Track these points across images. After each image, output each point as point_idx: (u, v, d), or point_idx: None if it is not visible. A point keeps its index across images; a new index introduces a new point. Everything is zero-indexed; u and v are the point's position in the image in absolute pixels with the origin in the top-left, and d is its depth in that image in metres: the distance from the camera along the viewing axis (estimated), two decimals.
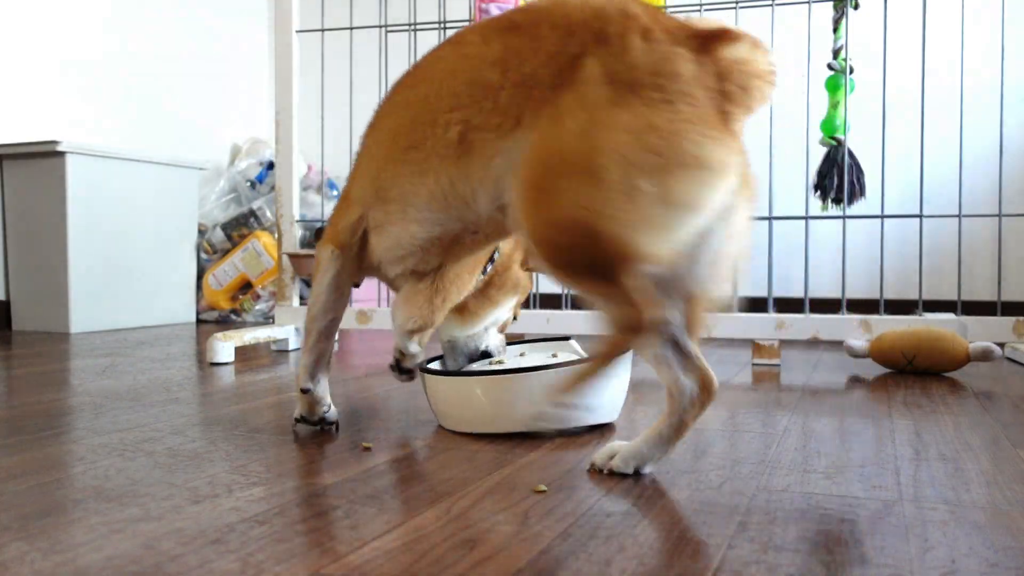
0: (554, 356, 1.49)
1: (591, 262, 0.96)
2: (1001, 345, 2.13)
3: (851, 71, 2.26)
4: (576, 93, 0.99)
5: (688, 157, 0.93)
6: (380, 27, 2.59)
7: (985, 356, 2.01)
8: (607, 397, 1.40)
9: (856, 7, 2.26)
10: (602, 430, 1.39)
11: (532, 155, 1.01)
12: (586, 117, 0.97)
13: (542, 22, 1.06)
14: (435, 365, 1.49)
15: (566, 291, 2.37)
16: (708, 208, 0.96)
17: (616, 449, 1.13)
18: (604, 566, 0.80)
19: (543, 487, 1.05)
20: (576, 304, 2.40)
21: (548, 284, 2.37)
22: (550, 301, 2.61)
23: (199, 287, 3.72)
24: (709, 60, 0.96)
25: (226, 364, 2.22)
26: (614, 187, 0.93)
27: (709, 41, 0.97)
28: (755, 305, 2.49)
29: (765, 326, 2.22)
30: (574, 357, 1.47)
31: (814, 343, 2.72)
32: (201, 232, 3.76)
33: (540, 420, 1.33)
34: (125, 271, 3.33)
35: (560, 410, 1.33)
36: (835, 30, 2.29)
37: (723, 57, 0.97)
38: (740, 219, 1.01)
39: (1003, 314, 2.19)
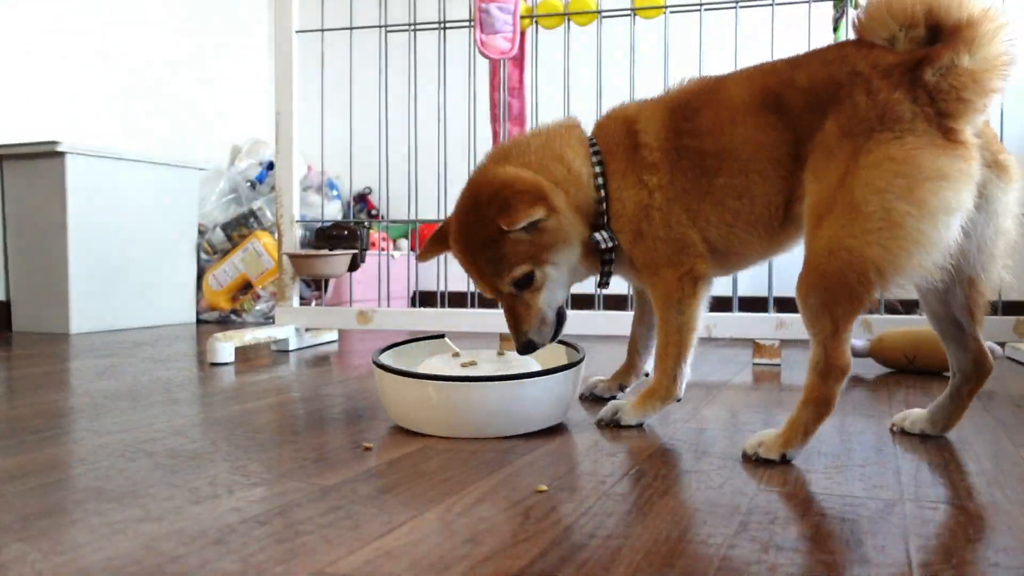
0: (456, 355, 1.50)
1: (849, 286, 1.13)
2: (1002, 345, 2.13)
3: None
4: (825, 152, 1.17)
5: (928, 171, 1.08)
6: (380, 27, 2.59)
7: None
8: (549, 404, 1.40)
9: (856, 6, 2.26)
10: (626, 434, 1.39)
11: (810, 205, 1.19)
12: (839, 168, 1.14)
13: (796, 94, 1.23)
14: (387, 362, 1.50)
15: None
16: (957, 208, 1.09)
17: (764, 436, 1.22)
18: (605, 566, 0.80)
19: (543, 487, 1.05)
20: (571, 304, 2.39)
21: None
22: None
23: (199, 287, 3.72)
24: (921, 91, 1.11)
25: (226, 364, 2.22)
26: (874, 215, 1.09)
27: (917, 70, 1.11)
28: (756, 305, 2.49)
29: (766, 326, 2.22)
30: (456, 357, 1.49)
31: None
32: (201, 232, 3.76)
33: (489, 427, 1.35)
34: (125, 271, 3.33)
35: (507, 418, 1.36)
36: (835, 29, 2.29)
37: (928, 81, 1.11)
38: (998, 205, 1.17)
39: (1003, 314, 2.19)
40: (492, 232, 1.32)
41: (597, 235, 1.37)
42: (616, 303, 2.50)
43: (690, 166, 1.32)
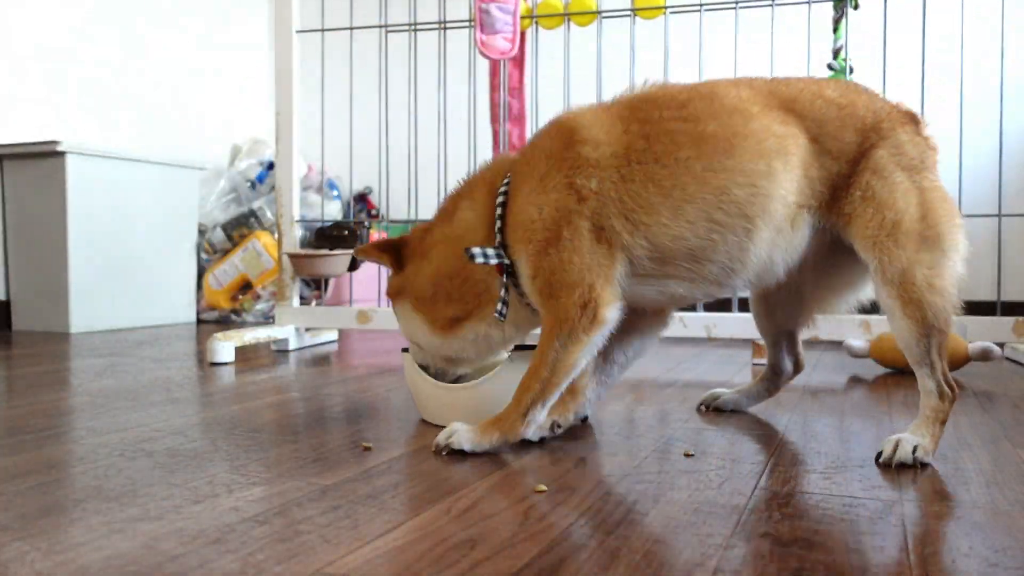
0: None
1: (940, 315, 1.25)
2: (1001, 345, 2.13)
3: (851, 71, 2.26)
4: (879, 177, 1.27)
5: (955, 209, 1.29)
6: (380, 27, 2.59)
7: (985, 356, 2.00)
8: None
9: (856, 7, 2.26)
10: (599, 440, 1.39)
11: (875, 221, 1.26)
12: (905, 193, 1.26)
13: (836, 116, 1.29)
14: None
15: None
16: None
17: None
18: (604, 565, 0.80)
19: (543, 487, 1.05)
20: None
21: None
22: None
23: (199, 287, 3.72)
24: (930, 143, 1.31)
25: (226, 364, 2.22)
26: (951, 246, 1.25)
27: (918, 126, 1.32)
28: None
29: None
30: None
31: (814, 343, 2.72)
32: (201, 232, 3.76)
33: None
34: (125, 271, 3.33)
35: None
36: (835, 30, 2.28)
37: (928, 137, 1.32)
38: None
39: (1003, 314, 2.19)
40: None
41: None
42: None
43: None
